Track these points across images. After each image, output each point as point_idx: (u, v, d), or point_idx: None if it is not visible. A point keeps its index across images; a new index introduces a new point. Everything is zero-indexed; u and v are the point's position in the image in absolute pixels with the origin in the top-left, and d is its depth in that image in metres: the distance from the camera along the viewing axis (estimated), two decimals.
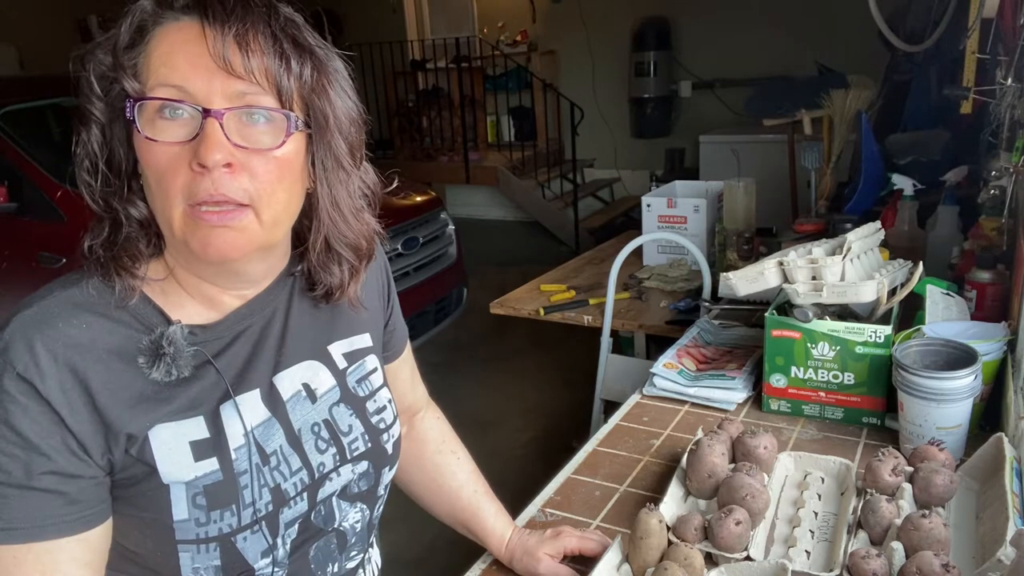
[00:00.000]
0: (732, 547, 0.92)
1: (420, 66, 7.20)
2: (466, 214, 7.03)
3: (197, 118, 0.67)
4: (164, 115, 0.67)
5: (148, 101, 0.67)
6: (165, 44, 0.68)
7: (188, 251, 0.71)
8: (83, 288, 0.71)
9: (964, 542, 0.95)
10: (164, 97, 0.66)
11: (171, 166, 0.67)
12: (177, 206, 0.68)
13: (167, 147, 0.67)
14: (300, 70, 0.70)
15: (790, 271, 1.30)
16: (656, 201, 2.52)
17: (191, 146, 0.66)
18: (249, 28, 0.67)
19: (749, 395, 1.42)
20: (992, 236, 1.62)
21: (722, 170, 4.10)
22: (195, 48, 0.67)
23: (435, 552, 2.53)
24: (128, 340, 0.70)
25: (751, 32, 5.97)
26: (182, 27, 0.68)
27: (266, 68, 0.68)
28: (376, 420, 0.86)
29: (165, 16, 0.68)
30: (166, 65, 0.67)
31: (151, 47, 0.68)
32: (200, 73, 0.66)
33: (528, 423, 3.45)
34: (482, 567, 1.04)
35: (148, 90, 0.67)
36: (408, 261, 3.57)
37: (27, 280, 3.01)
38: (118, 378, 0.69)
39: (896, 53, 2.92)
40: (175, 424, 0.71)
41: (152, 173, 0.68)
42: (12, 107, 3.34)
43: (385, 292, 0.95)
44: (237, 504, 0.73)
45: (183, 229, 0.68)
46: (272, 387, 0.79)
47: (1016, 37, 1.52)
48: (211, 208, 0.67)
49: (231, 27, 0.66)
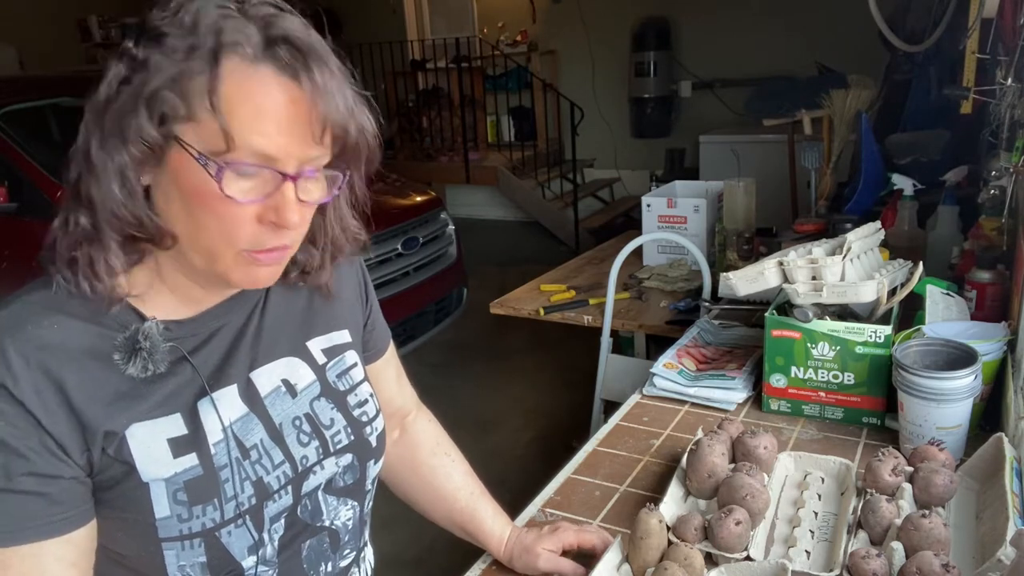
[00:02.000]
0: (732, 547, 0.92)
1: (420, 66, 7.20)
2: (466, 214, 7.03)
3: (276, 180, 0.67)
4: (240, 172, 0.66)
5: (230, 163, 0.65)
6: (253, 101, 0.64)
7: (215, 275, 0.72)
8: (52, 290, 0.70)
9: (964, 542, 0.95)
10: (255, 164, 0.66)
11: (239, 219, 0.68)
12: (232, 248, 0.69)
13: (244, 206, 0.67)
14: (355, 132, 0.70)
15: (790, 271, 1.30)
16: (656, 201, 2.52)
17: (265, 205, 0.68)
18: (333, 100, 0.67)
19: (749, 395, 1.42)
20: (992, 236, 1.62)
21: (722, 170, 4.10)
22: (288, 113, 0.65)
23: (435, 552, 2.53)
24: (101, 339, 0.70)
25: (751, 32, 5.97)
26: (264, 80, 0.65)
27: (335, 136, 0.69)
28: (358, 413, 0.87)
29: (244, 50, 0.64)
30: (257, 132, 0.64)
31: (229, 91, 0.64)
32: (291, 143, 0.66)
33: (528, 423, 3.45)
34: (482, 567, 1.04)
35: (235, 150, 0.64)
36: (408, 261, 3.57)
37: (27, 280, 2.99)
38: (93, 377, 0.69)
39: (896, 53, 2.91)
40: (151, 423, 0.72)
41: (215, 222, 0.68)
42: (12, 107, 3.34)
43: (363, 288, 0.96)
44: (219, 498, 0.73)
45: (229, 266, 0.70)
46: (249, 383, 0.79)
47: (1016, 37, 1.52)
48: (268, 253, 0.70)
49: (319, 99, 0.66)
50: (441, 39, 7.02)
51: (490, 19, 7.21)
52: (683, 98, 6.49)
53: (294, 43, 0.66)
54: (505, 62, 6.70)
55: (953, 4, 2.14)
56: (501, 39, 6.93)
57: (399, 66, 7.15)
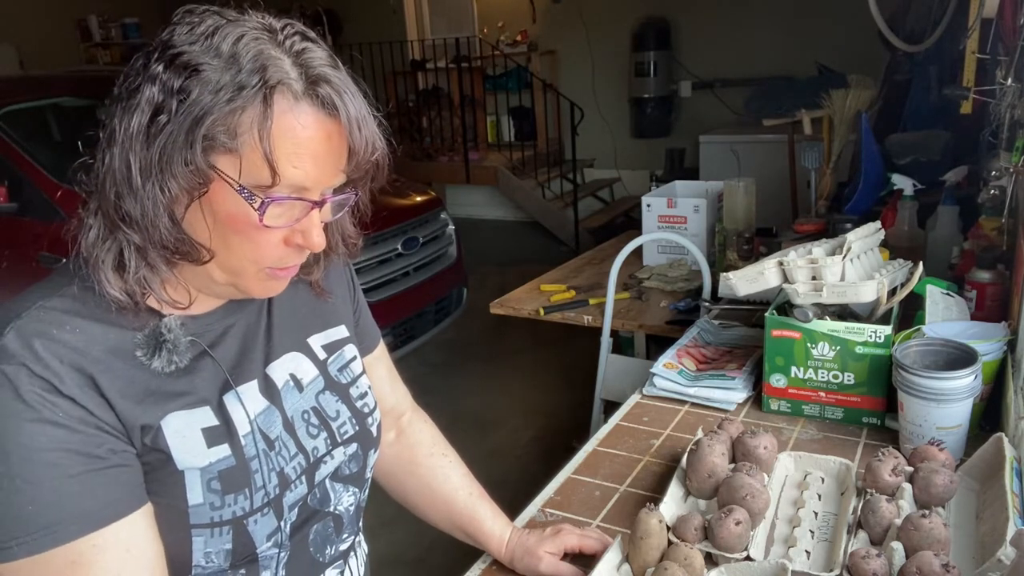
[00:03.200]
0: (732, 547, 0.92)
1: (420, 66, 7.20)
2: (466, 214, 7.03)
3: (306, 207, 0.72)
4: (279, 203, 0.69)
5: (273, 198, 0.68)
6: (291, 138, 0.67)
7: (234, 288, 0.76)
8: (65, 296, 0.71)
9: (964, 542, 0.95)
10: (292, 197, 0.70)
11: (269, 244, 0.72)
12: (257, 267, 0.73)
13: (274, 231, 0.71)
14: (373, 155, 0.73)
15: (790, 271, 1.30)
16: (656, 201, 2.52)
17: (294, 229, 0.72)
18: (362, 132, 0.71)
19: (749, 395, 1.42)
20: (992, 236, 1.62)
21: (722, 170, 4.11)
22: (321, 149, 0.69)
23: (435, 552, 2.53)
24: (122, 338, 0.71)
25: (751, 32, 5.97)
26: (303, 117, 0.67)
27: (358, 163, 0.73)
28: (360, 404, 0.90)
29: (281, 93, 0.67)
30: (296, 166, 0.68)
31: (276, 129, 0.66)
32: (321, 175, 0.70)
33: (528, 423, 3.45)
34: (482, 567, 1.04)
35: (278, 185, 0.68)
36: (408, 261, 3.57)
37: (27, 280, 2.99)
38: (122, 376, 0.70)
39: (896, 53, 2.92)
40: (185, 413, 0.74)
41: (247, 244, 0.71)
42: (12, 107, 3.34)
43: (351, 285, 0.99)
44: (250, 488, 0.76)
45: (250, 282, 0.75)
46: (267, 378, 0.82)
47: (1016, 37, 1.52)
48: (287, 269, 0.76)
49: (353, 133, 0.70)
50: (441, 39, 7.02)
51: (490, 19, 7.21)
52: (683, 98, 6.49)
53: (331, 82, 0.69)
54: (505, 62, 6.70)
55: (953, 4, 2.14)
56: (501, 39, 6.94)
57: (399, 66, 7.15)
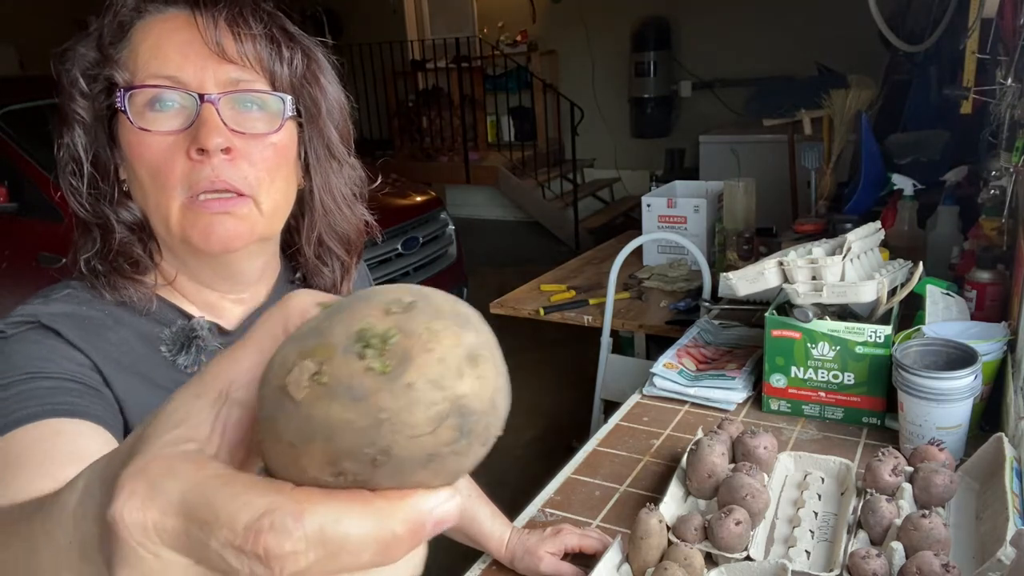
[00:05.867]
0: (732, 547, 0.92)
1: (420, 66, 7.19)
2: (466, 214, 7.02)
3: (192, 106, 0.66)
4: (156, 107, 0.66)
5: (139, 90, 0.66)
6: (152, 36, 0.67)
7: (187, 248, 0.70)
8: (69, 300, 0.70)
9: (964, 542, 0.95)
10: (158, 84, 0.66)
11: (167, 157, 0.66)
12: (175, 199, 0.67)
13: (161, 137, 0.66)
14: (291, 56, 0.70)
15: (790, 271, 1.30)
16: (656, 201, 2.52)
17: (187, 134, 0.66)
18: (239, 13, 0.68)
19: (749, 395, 1.42)
20: (992, 236, 1.62)
21: (722, 170, 4.10)
22: (185, 36, 0.67)
23: (435, 552, 2.52)
24: (148, 328, 0.72)
25: (751, 32, 5.96)
26: (168, 18, 0.68)
27: (258, 53, 0.68)
28: None
29: (148, 9, 0.68)
30: (157, 57, 0.66)
31: (136, 41, 0.68)
32: (193, 60, 0.66)
33: (528, 423, 3.45)
34: (482, 567, 1.04)
35: (138, 78, 0.67)
36: (408, 261, 3.57)
37: (27, 280, 3.01)
38: (144, 359, 0.70)
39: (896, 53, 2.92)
40: None
41: (145, 167, 0.67)
42: (12, 107, 3.34)
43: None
44: None
45: (182, 223, 0.68)
46: None
47: (1016, 37, 1.52)
48: (211, 196, 0.67)
49: (221, 12, 0.67)
50: (441, 39, 7.01)
51: (490, 19, 7.20)
52: (683, 98, 6.48)
53: None
54: (505, 62, 6.69)
55: (953, 4, 2.14)
56: (501, 39, 6.93)
57: (399, 66, 7.14)
